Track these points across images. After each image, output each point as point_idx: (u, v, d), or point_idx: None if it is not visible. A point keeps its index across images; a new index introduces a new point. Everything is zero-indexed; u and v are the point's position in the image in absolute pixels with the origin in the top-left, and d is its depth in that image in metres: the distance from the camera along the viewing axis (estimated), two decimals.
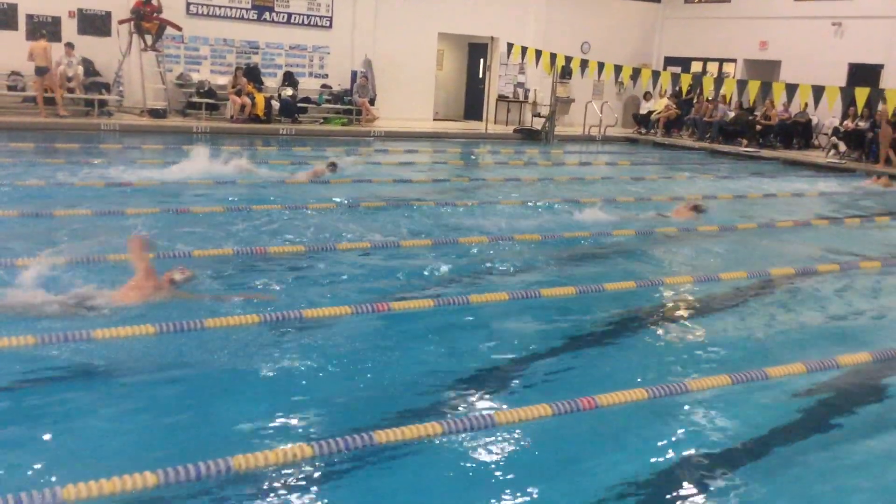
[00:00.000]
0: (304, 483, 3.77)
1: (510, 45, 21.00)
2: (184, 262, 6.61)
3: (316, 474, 3.83)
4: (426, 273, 7.23)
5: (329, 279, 6.89)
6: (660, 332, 6.35)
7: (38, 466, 3.75)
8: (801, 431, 4.76)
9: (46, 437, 4.07)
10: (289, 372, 5.03)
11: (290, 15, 20.41)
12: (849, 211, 12.50)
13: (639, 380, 5.11)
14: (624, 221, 10.05)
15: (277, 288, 6.48)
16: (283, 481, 3.74)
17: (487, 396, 4.87)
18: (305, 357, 5.26)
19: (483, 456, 4.16)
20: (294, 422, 4.37)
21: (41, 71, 16.38)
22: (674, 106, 23.18)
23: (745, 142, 21.20)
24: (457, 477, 3.98)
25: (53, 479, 3.57)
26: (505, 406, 4.65)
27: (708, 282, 7.59)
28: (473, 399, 4.82)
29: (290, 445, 3.92)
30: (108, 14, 18.33)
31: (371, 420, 4.30)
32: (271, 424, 4.33)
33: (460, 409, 4.64)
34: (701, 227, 10.09)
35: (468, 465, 4.09)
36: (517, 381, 5.17)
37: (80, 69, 17.25)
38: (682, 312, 6.89)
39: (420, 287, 6.75)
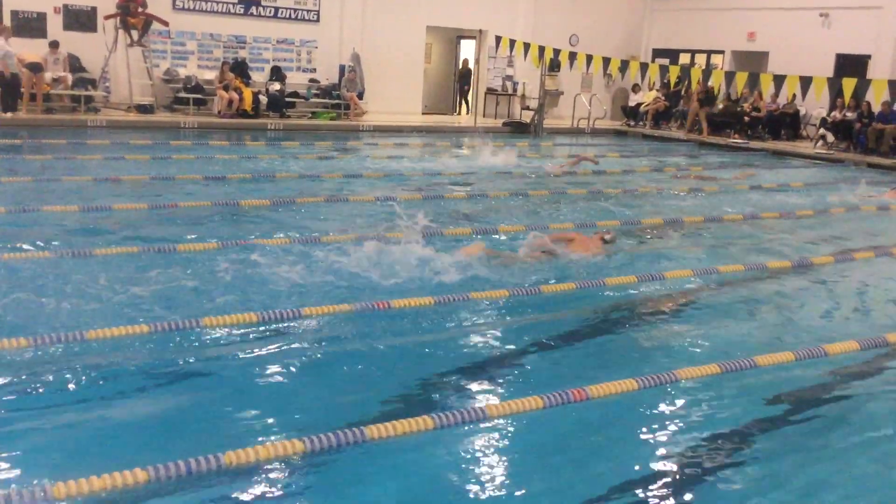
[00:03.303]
0: (295, 478, 3.77)
1: (498, 38, 20.99)
2: None
3: (307, 469, 3.83)
4: (419, 268, 7.20)
5: (315, 274, 6.86)
6: (651, 323, 6.36)
7: (27, 464, 3.74)
8: (791, 418, 4.79)
9: (35, 435, 4.04)
10: (281, 367, 5.01)
11: (277, 9, 20.32)
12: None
13: (630, 370, 5.12)
14: (617, 213, 10.06)
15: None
16: (274, 477, 3.74)
17: (479, 390, 4.87)
18: (298, 353, 5.24)
19: (475, 449, 4.16)
20: (285, 417, 4.36)
21: (36, 68, 16.26)
22: (663, 98, 23.19)
23: (734, 133, 21.26)
24: (449, 471, 3.98)
25: (43, 476, 3.55)
26: (497, 399, 4.66)
27: (703, 275, 7.59)
28: (465, 393, 4.82)
29: (281, 441, 3.91)
30: (94, 9, 18.22)
31: (362, 415, 4.29)
32: (262, 420, 4.32)
33: (452, 402, 4.64)
34: (692, 217, 10.11)
35: (460, 458, 4.09)
36: (509, 375, 5.17)
37: (69, 76, 17.03)
38: (671, 304, 6.90)
39: (411, 282, 6.73)
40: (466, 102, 24.96)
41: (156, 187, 10.36)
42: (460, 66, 25.01)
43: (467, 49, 25.13)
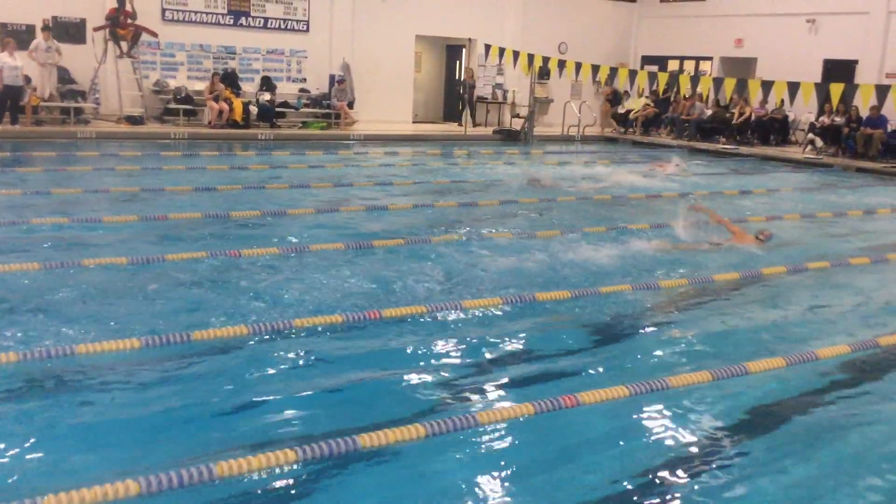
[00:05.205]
0: (287, 488, 3.76)
1: (488, 47, 21.04)
2: None
3: (299, 479, 3.82)
4: (408, 277, 7.21)
5: (308, 285, 6.86)
6: (643, 331, 6.37)
7: (18, 477, 3.72)
8: (782, 424, 4.80)
9: (26, 447, 4.02)
10: (272, 377, 5.01)
11: (266, 19, 20.34)
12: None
13: (622, 378, 5.13)
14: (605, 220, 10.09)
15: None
16: (266, 486, 3.73)
17: (471, 397, 4.87)
18: (289, 362, 5.24)
19: (467, 457, 4.16)
20: (277, 426, 4.36)
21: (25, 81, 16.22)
22: (651, 105, 23.28)
23: (722, 139, 21.35)
24: (440, 478, 3.98)
25: (34, 489, 3.54)
26: (488, 406, 4.66)
27: (694, 284, 7.61)
28: (456, 400, 4.82)
29: (273, 450, 3.90)
30: (83, 21, 18.19)
31: (354, 423, 4.29)
32: (254, 429, 4.31)
33: (443, 410, 4.64)
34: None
35: (452, 466, 4.09)
36: (500, 381, 5.17)
37: (50, 79, 17.00)
38: (662, 312, 6.91)
39: (401, 290, 6.73)
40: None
41: (146, 198, 10.34)
42: (464, 76, 24.08)
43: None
